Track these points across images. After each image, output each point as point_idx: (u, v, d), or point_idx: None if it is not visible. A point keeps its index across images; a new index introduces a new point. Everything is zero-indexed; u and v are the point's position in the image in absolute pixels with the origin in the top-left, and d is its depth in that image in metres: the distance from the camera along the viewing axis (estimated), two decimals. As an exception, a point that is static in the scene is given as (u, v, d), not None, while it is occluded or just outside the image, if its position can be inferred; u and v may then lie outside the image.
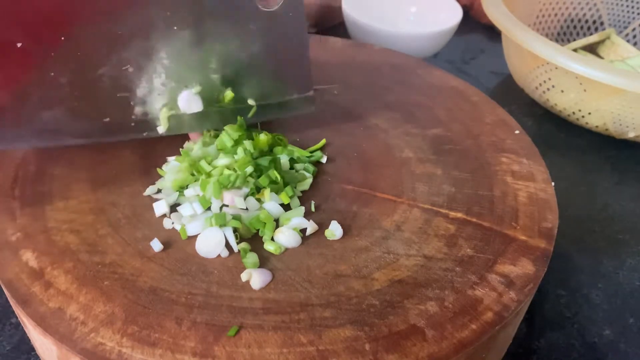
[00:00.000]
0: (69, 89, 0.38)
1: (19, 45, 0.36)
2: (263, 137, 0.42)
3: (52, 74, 0.37)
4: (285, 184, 0.40)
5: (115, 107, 0.40)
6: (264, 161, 0.40)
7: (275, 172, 0.39)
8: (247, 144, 0.40)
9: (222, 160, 0.39)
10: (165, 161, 0.43)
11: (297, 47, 0.43)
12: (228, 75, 0.42)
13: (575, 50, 0.72)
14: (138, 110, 0.41)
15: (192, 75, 0.41)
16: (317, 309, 0.33)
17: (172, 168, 0.40)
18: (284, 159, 0.42)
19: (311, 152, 0.44)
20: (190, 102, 0.41)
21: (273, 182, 0.39)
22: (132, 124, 0.41)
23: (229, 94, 0.42)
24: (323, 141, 0.45)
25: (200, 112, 0.42)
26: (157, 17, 0.38)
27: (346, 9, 0.72)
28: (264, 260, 0.36)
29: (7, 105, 0.37)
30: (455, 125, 0.49)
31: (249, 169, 0.39)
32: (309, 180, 0.41)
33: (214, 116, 0.43)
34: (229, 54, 0.41)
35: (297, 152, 0.43)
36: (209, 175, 0.39)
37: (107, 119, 0.40)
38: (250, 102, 0.43)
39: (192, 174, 0.40)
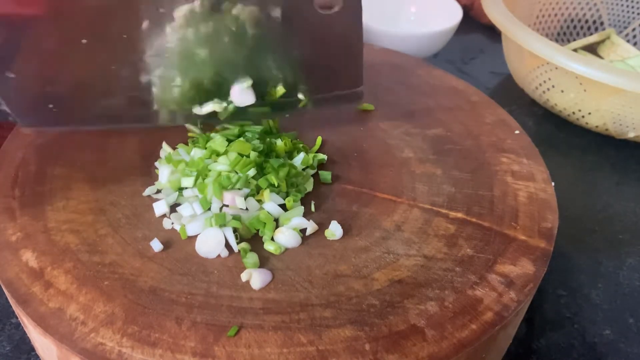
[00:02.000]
0: (128, 81, 0.42)
1: (84, 41, 0.39)
2: (281, 144, 0.42)
3: (114, 67, 0.41)
4: (294, 185, 0.40)
5: (169, 98, 0.43)
6: (275, 162, 0.40)
7: (273, 178, 0.39)
8: (253, 154, 0.40)
9: (220, 166, 0.39)
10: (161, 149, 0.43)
11: (352, 45, 0.45)
12: (281, 71, 0.44)
13: (575, 50, 0.72)
14: (193, 101, 0.43)
15: (244, 70, 0.43)
16: (317, 309, 0.33)
17: (167, 169, 0.40)
18: (298, 162, 0.42)
19: (314, 153, 0.44)
20: (242, 95, 0.43)
21: (272, 185, 0.39)
22: (188, 113, 0.44)
23: (280, 89, 0.44)
24: (319, 140, 0.45)
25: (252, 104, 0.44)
26: (218, 17, 0.40)
27: (346, 9, 0.72)
28: (264, 260, 0.36)
29: (70, 92, 0.42)
30: (455, 125, 0.49)
31: (251, 172, 0.39)
32: (312, 181, 0.41)
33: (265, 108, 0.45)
34: (283, 50, 0.43)
35: (309, 154, 0.43)
36: (205, 176, 0.39)
37: (164, 108, 0.43)
38: (300, 96, 0.45)
39: (188, 175, 0.40)
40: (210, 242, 0.36)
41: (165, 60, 0.41)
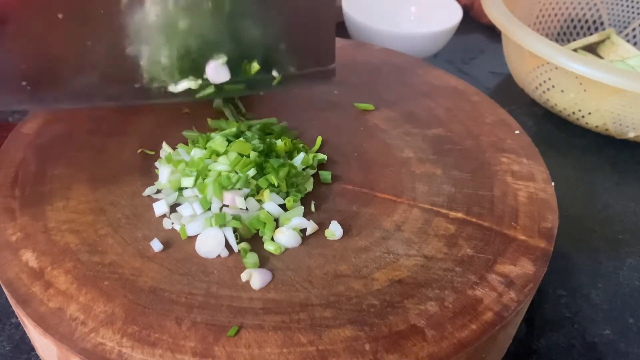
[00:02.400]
0: (104, 57, 0.41)
1: (60, 16, 0.39)
2: (280, 144, 0.42)
3: (89, 42, 0.40)
4: (294, 185, 0.40)
5: (147, 74, 0.42)
6: (275, 162, 0.40)
7: (273, 178, 0.39)
8: (253, 154, 0.40)
9: (220, 166, 0.39)
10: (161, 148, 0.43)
11: (323, 21, 0.45)
12: (254, 47, 0.43)
13: (575, 50, 0.72)
14: (167, 78, 0.43)
15: (219, 46, 0.42)
16: (317, 309, 0.33)
17: (167, 169, 0.40)
18: (298, 162, 0.41)
19: (314, 153, 0.44)
20: (217, 72, 0.42)
21: (272, 185, 0.39)
22: (162, 90, 0.43)
23: (255, 65, 0.43)
24: (319, 140, 0.45)
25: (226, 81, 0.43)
26: None
27: (346, 9, 0.72)
28: (264, 260, 0.36)
29: (45, 69, 0.40)
30: (455, 125, 0.49)
31: (251, 172, 0.39)
32: (312, 181, 0.41)
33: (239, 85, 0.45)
34: (256, 26, 0.43)
35: (309, 154, 0.43)
36: (205, 176, 0.39)
37: (138, 85, 0.42)
38: (274, 73, 0.45)
39: (188, 175, 0.40)
40: (210, 242, 0.36)
41: (141, 37, 0.41)
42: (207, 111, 0.48)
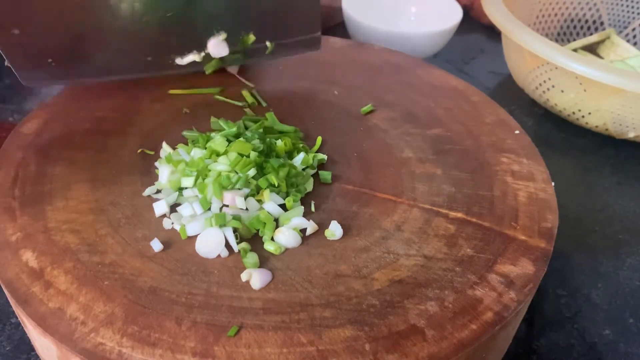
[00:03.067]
0: (120, 33, 0.45)
1: None
2: (280, 144, 0.42)
3: (108, 20, 0.44)
4: (294, 185, 0.40)
5: (156, 49, 0.47)
6: (275, 162, 0.40)
7: (273, 178, 0.39)
8: (253, 155, 0.40)
9: (220, 166, 0.39)
10: (161, 147, 0.44)
11: None
12: (249, 20, 0.48)
13: (575, 50, 0.72)
14: (175, 51, 0.48)
15: (218, 23, 0.47)
16: (317, 309, 0.33)
17: (167, 169, 0.40)
18: (298, 162, 0.41)
19: (314, 153, 0.44)
20: (218, 47, 0.48)
21: (272, 185, 0.39)
22: (170, 62, 0.48)
23: (251, 37, 0.48)
24: (319, 140, 0.45)
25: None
26: None
27: (346, 9, 0.72)
28: (264, 260, 0.36)
29: (69, 46, 0.44)
30: (455, 125, 0.49)
31: (251, 172, 0.39)
32: (312, 181, 0.41)
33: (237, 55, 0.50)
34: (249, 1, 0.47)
35: (309, 154, 0.43)
36: (205, 176, 0.39)
37: (149, 58, 0.47)
38: (267, 43, 0.49)
39: (188, 175, 0.40)
40: (210, 242, 0.36)
41: (151, 14, 0.45)
42: (207, 111, 0.48)
